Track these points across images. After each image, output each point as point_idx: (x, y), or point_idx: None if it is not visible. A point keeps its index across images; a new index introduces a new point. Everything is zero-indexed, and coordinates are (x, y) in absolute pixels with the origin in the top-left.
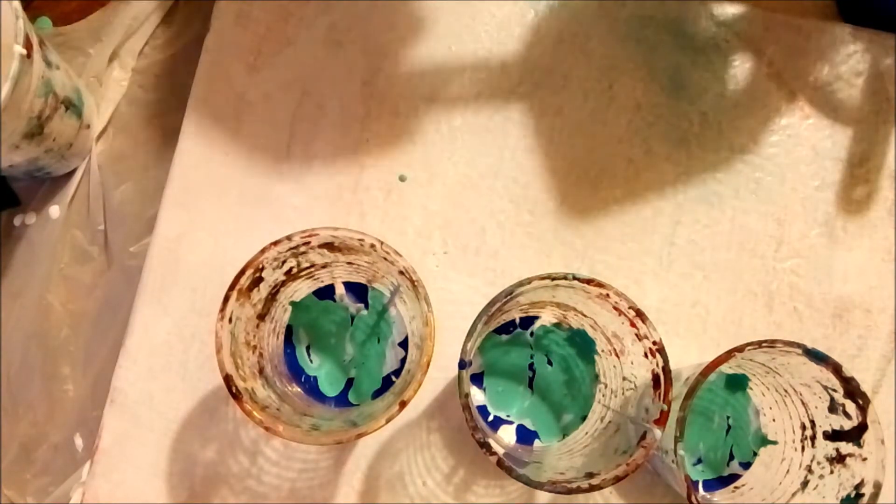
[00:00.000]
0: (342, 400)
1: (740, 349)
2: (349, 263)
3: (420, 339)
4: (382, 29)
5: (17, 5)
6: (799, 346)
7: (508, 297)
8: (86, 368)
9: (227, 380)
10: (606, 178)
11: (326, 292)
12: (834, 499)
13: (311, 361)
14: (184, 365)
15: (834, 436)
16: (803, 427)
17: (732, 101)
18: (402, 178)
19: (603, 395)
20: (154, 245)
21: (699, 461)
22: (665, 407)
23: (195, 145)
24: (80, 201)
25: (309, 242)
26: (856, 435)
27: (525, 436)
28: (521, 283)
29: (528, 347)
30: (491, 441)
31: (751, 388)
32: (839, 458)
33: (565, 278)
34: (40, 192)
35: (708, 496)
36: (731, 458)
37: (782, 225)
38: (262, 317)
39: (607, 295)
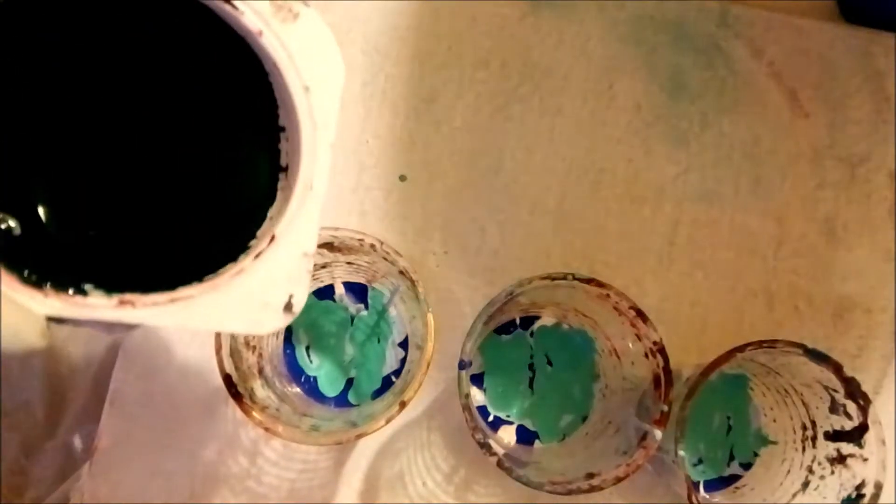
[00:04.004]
0: (342, 400)
1: (741, 349)
2: (349, 263)
3: (420, 339)
4: (383, 29)
5: None
6: (800, 346)
7: (508, 297)
8: (86, 368)
9: (227, 380)
10: (606, 178)
11: (326, 292)
12: (835, 499)
13: (311, 362)
14: (183, 365)
15: (835, 436)
16: (804, 427)
17: (732, 101)
18: (402, 178)
19: (603, 396)
20: None
21: (700, 461)
22: (665, 407)
23: None
24: None
25: None
26: (857, 435)
27: (525, 436)
28: (521, 283)
29: (529, 347)
30: (491, 441)
31: (751, 389)
32: (840, 459)
33: (565, 278)
34: None
35: (708, 496)
36: (732, 458)
37: (782, 224)
38: None
39: (607, 295)
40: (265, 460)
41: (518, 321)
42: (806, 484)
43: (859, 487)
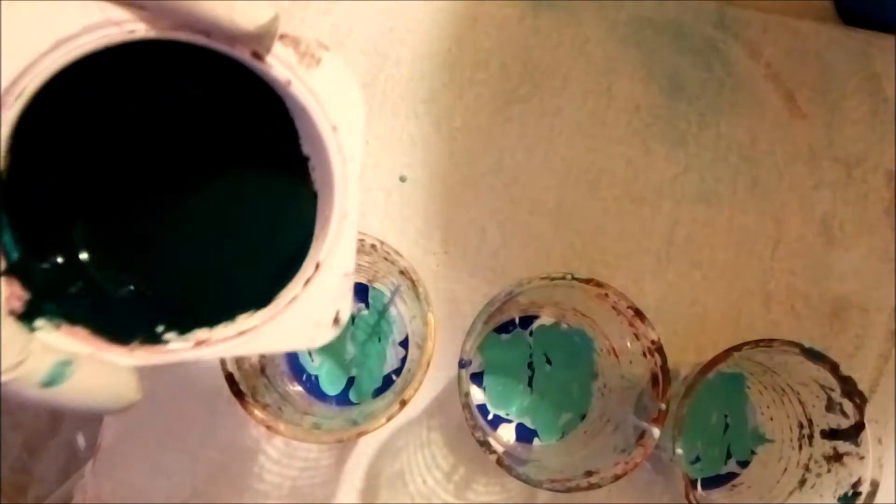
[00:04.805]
0: (343, 399)
1: (738, 348)
2: None
3: (420, 338)
4: (383, 31)
5: None
6: (796, 345)
7: (508, 297)
8: None
9: (229, 378)
10: (605, 179)
11: None
12: (831, 497)
13: (313, 360)
14: (186, 363)
15: (831, 434)
16: (801, 426)
17: (730, 102)
18: (402, 179)
19: (601, 394)
20: None
21: (697, 459)
22: (663, 406)
23: None
24: None
25: None
26: (853, 434)
27: (524, 434)
28: (520, 283)
29: (528, 346)
30: (490, 440)
31: (748, 387)
32: (836, 457)
33: (564, 278)
34: None
35: (706, 494)
36: (729, 456)
37: (780, 224)
38: None
39: (606, 294)
40: (267, 458)
41: (517, 320)
42: (803, 482)
43: (856, 485)
